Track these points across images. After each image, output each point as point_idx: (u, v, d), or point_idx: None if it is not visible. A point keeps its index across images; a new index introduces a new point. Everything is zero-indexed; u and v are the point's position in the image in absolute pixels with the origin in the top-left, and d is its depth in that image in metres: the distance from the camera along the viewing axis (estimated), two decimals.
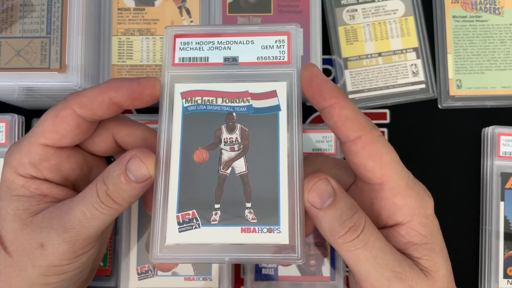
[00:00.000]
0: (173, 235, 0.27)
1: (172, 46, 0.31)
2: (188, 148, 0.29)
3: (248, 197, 0.28)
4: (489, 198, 0.42)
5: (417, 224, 0.28)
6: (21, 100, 0.41)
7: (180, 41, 0.31)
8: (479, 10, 0.45)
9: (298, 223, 0.27)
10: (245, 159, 0.29)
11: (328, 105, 0.28)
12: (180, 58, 0.30)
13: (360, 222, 0.27)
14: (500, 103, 0.44)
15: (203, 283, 0.39)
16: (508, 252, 0.41)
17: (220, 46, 0.31)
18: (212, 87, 0.30)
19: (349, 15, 0.45)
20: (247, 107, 0.30)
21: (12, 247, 0.29)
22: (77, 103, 0.29)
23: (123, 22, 0.39)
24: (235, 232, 0.27)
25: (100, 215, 0.29)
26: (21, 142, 0.31)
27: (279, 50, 0.30)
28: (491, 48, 0.44)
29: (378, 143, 0.28)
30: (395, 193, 0.28)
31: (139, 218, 0.39)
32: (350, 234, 0.27)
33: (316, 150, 0.41)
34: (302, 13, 0.38)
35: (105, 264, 0.42)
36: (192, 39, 0.31)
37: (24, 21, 0.36)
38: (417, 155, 0.45)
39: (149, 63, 0.39)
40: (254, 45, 0.31)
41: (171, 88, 0.30)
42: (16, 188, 0.30)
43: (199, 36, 0.31)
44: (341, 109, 0.28)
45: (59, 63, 0.35)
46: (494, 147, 0.42)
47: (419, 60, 0.45)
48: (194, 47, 0.31)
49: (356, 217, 0.27)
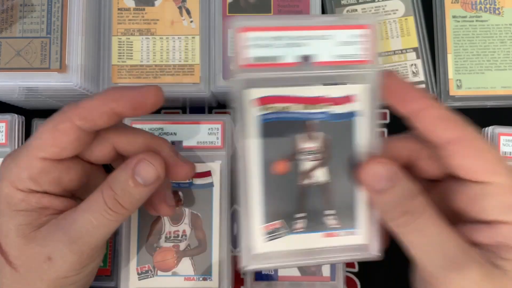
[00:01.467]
0: (261, 245, 0.28)
1: (241, 44, 0.26)
2: (268, 159, 0.28)
3: (329, 205, 0.29)
4: None
5: None
6: (21, 100, 0.41)
7: (249, 37, 0.26)
8: (479, 10, 0.45)
9: (374, 224, 0.28)
10: (326, 168, 0.28)
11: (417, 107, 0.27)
12: (250, 58, 0.26)
13: (417, 208, 0.26)
14: (500, 103, 0.44)
15: (203, 283, 0.39)
16: None
17: (294, 43, 0.27)
18: (287, 92, 0.27)
19: None
20: (326, 113, 0.28)
21: (18, 262, 0.29)
22: (76, 115, 0.29)
23: (123, 22, 0.39)
24: (318, 237, 0.28)
25: (108, 222, 0.29)
26: (18, 155, 0.30)
27: (360, 46, 0.27)
28: (491, 48, 0.44)
29: (479, 140, 0.27)
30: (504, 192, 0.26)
31: (139, 218, 0.39)
32: (404, 220, 0.26)
33: None
34: (302, 13, 0.38)
35: (105, 264, 0.42)
36: (263, 34, 0.26)
37: (24, 21, 0.36)
38: None
39: (149, 63, 0.39)
40: (331, 41, 0.27)
41: (242, 94, 0.27)
42: (16, 203, 0.29)
43: (271, 29, 0.26)
44: (433, 110, 0.27)
45: (59, 63, 0.35)
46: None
47: (419, 60, 0.45)
48: (266, 43, 0.26)
49: (414, 203, 0.26)
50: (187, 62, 0.39)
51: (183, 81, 0.39)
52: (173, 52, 0.39)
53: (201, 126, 0.40)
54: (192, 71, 0.39)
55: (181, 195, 0.39)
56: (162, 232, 0.39)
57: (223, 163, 0.40)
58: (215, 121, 0.40)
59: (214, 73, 0.38)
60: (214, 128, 0.40)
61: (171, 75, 0.39)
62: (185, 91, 0.39)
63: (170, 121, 0.40)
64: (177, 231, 0.39)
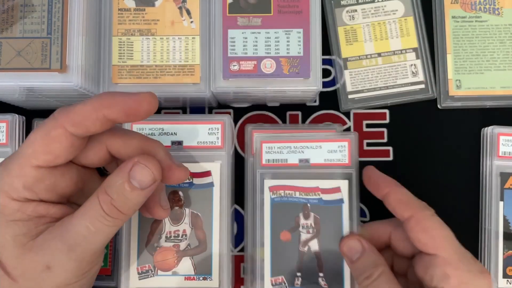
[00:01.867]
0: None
1: (260, 151, 0.40)
2: (276, 230, 0.39)
3: (321, 269, 0.39)
4: (488, 198, 0.42)
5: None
6: (21, 100, 0.41)
7: (266, 146, 0.40)
8: (479, 10, 0.45)
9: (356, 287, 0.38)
10: (318, 240, 0.39)
11: (385, 193, 0.36)
12: (266, 159, 0.40)
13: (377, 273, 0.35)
14: (499, 103, 0.45)
15: (203, 282, 0.39)
16: (507, 252, 0.42)
17: (296, 150, 0.40)
18: (291, 183, 0.39)
19: (349, 16, 0.45)
20: (318, 199, 0.39)
21: (16, 273, 0.29)
22: (68, 121, 0.28)
23: (123, 23, 0.39)
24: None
25: (106, 228, 0.29)
26: (9, 164, 0.29)
27: (341, 154, 0.39)
28: (490, 49, 0.45)
29: (429, 220, 0.34)
30: (446, 263, 0.33)
31: (139, 218, 0.39)
32: (367, 282, 0.35)
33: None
34: (302, 13, 0.38)
35: (106, 264, 0.42)
36: (274, 144, 0.40)
37: (24, 21, 0.36)
38: (416, 155, 0.45)
39: (150, 63, 0.39)
40: (321, 149, 0.39)
41: (261, 183, 0.39)
42: (11, 213, 0.29)
43: (280, 142, 0.40)
44: (395, 195, 0.35)
45: (60, 63, 0.35)
46: (493, 147, 0.42)
47: (419, 61, 0.45)
48: (276, 151, 0.40)
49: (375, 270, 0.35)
50: (187, 62, 0.39)
51: (183, 81, 0.39)
52: (173, 53, 0.39)
53: (201, 126, 0.40)
54: (192, 71, 0.39)
55: (181, 195, 0.40)
56: (162, 232, 0.39)
57: (223, 163, 0.40)
58: (215, 121, 0.40)
59: (214, 73, 0.38)
60: (214, 128, 0.40)
61: (171, 75, 0.39)
62: (185, 91, 0.39)
63: (170, 121, 0.40)
64: (177, 231, 0.40)
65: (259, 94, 0.41)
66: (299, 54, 0.38)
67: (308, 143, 0.40)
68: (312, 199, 0.39)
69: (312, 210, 0.39)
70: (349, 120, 0.45)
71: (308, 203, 0.39)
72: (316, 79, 0.38)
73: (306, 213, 0.39)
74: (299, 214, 0.39)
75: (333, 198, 0.39)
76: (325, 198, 0.39)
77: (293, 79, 0.38)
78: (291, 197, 0.39)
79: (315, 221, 0.39)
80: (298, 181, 0.39)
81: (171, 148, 0.40)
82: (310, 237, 0.39)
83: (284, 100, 0.44)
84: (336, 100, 0.45)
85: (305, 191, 0.39)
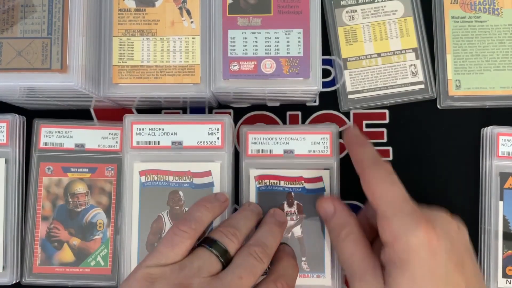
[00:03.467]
0: None
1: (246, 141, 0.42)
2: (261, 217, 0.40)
3: (303, 253, 0.41)
4: (488, 198, 0.43)
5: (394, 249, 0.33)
6: (22, 100, 0.42)
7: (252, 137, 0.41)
8: (478, 10, 0.45)
9: (337, 270, 0.40)
10: (301, 226, 0.41)
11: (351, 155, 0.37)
12: (252, 150, 0.41)
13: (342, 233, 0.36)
14: (499, 103, 0.45)
15: None
16: (507, 252, 0.42)
17: (281, 141, 0.41)
18: (276, 173, 0.41)
19: (349, 16, 0.45)
20: (302, 188, 0.41)
21: None
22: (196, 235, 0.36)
23: (123, 23, 0.39)
24: None
25: None
26: None
27: (323, 145, 0.41)
28: (490, 49, 0.45)
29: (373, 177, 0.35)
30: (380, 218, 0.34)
31: (139, 218, 0.40)
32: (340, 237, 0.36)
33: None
34: (302, 13, 0.38)
35: (106, 264, 0.42)
36: (260, 135, 0.42)
37: (25, 21, 0.36)
38: (416, 155, 0.45)
39: (150, 63, 0.39)
40: (305, 141, 0.41)
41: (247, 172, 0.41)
42: None
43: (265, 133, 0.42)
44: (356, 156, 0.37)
45: (60, 63, 0.35)
46: (493, 147, 0.43)
47: (418, 61, 0.45)
48: (262, 141, 0.42)
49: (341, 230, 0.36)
50: (188, 63, 0.39)
51: (184, 81, 0.39)
52: (174, 53, 0.39)
53: (201, 126, 0.40)
54: (192, 71, 0.39)
55: (182, 195, 0.40)
56: (162, 232, 0.39)
57: (223, 163, 0.40)
58: (215, 121, 0.40)
59: (214, 73, 0.38)
60: (214, 128, 0.40)
61: (172, 75, 0.39)
62: (185, 91, 0.39)
63: (170, 121, 0.40)
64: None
65: (259, 94, 0.41)
66: (299, 54, 0.38)
67: (293, 135, 0.41)
68: (296, 188, 0.41)
69: (296, 198, 0.41)
70: (349, 120, 0.45)
71: (292, 192, 0.41)
72: (316, 79, 0.38)
73: (290, 201, 0.41)
74: (284, 202, 0.41)
75: (315, 186, 0.41)
76: (308, 187, 0.41)
77: (293, 79, 0.38)
78: (276, 186, 0.41)
79: (298, 209, 0.41)
80: (283, 171, 0.41)
81: (171, 148, 0.40)
82: (294, 224, 0.41)
83: (284, 100, 0.44)
84: (336, 100, 0.45)
85: (289, 180, 0.41)
